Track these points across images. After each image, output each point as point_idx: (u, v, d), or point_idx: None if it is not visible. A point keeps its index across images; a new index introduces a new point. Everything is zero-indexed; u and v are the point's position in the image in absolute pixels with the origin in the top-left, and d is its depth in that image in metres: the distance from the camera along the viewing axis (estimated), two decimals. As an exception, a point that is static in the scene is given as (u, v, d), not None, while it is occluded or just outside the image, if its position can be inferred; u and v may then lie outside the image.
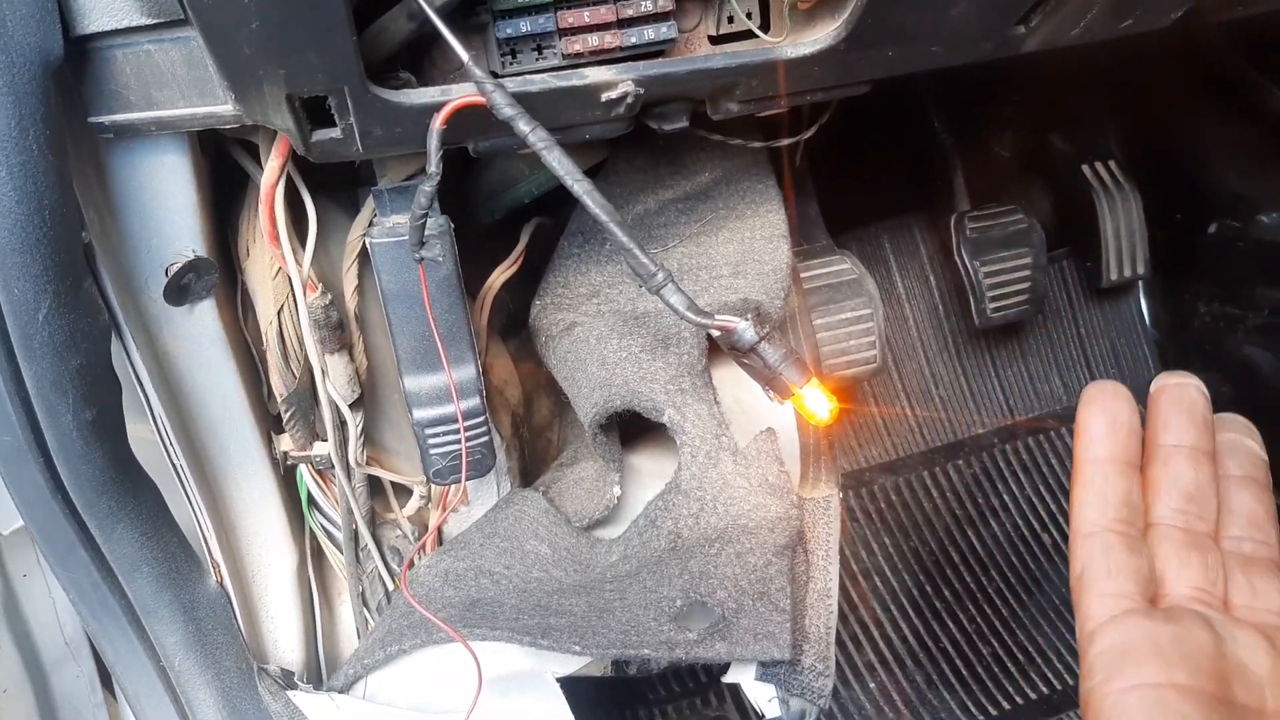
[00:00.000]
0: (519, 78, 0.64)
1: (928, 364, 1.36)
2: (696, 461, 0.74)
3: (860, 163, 1.30)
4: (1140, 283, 1.38)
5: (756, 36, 0.72)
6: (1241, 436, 0.61)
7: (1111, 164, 1.32)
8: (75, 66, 0.53)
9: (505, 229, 0.98)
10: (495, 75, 0.70)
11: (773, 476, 0.73)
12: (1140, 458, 0.60)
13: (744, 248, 0.94)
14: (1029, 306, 1.22)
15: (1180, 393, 0.61)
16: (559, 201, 0.99)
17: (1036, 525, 1.28)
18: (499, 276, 0.89)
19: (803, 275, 1.06)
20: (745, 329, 0.63)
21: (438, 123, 0.61)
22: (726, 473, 0.73)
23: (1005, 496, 1.30)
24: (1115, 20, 0.75)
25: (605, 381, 0.79)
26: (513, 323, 1.06)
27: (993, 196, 1.40)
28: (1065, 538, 1.26)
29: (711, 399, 0.77)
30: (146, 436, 0.67)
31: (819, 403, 0.64)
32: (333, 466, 0.75)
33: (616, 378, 0.79)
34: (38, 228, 0.50)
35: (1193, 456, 0.59)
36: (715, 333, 0.65)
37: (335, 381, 0.72)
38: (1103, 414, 0.59)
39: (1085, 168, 1.32)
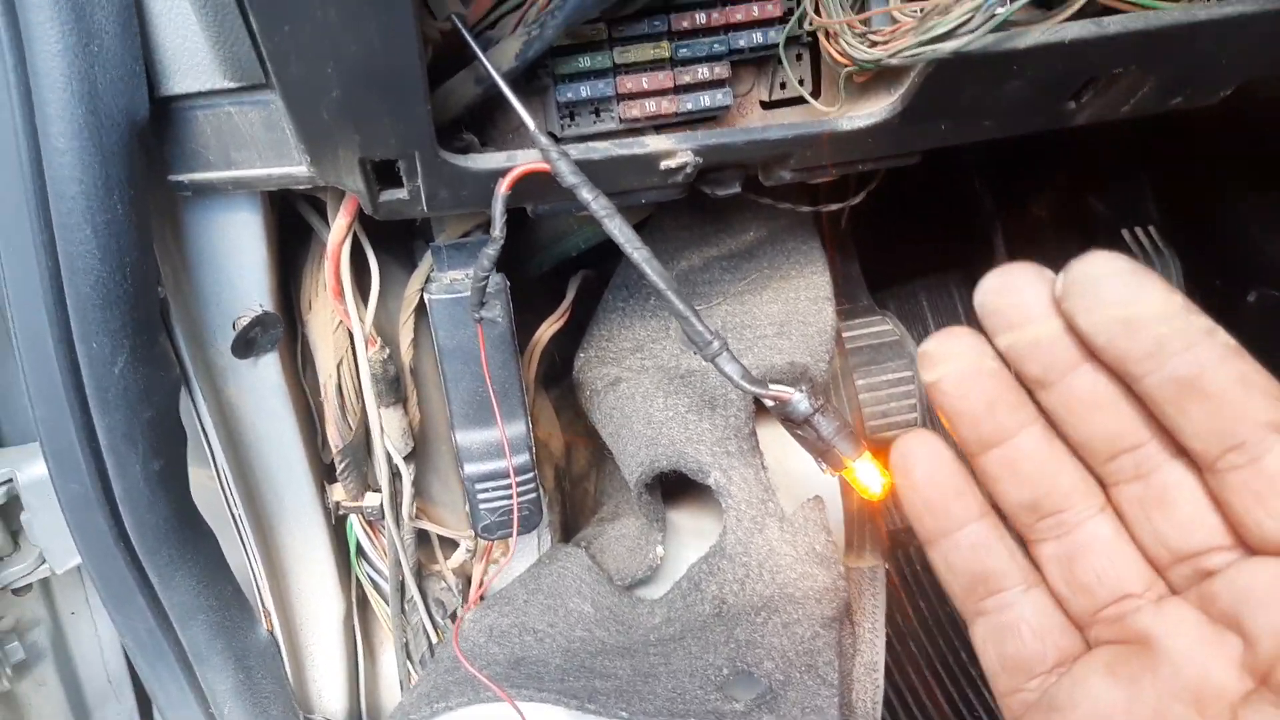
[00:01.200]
0: (581, 144, 0.65)
1: (965, 423, 1.36)
2: (742, 526, 0.74)
3: (898, 219, 1.31)
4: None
5: (807, 103, 0.73)
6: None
7: (1151, 228, 1.32)
8: (158, 126, 0.55)
9: (551, 280, 0.99)
10: (554, 137, 0.72)
11: (820, 546, 0.73)
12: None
13: (788, 308, 0.94)
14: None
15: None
16: (603, 253, 1.00)
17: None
18: (547, 330, 0.90)
19: (845, 335, 1.07)
20: (800, 400, 0.63)
21: (503, 188, 0.62)
22: (773, 539, 0.73)
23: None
24: (1165, 98, 0.76)
25: (651, 440, 0.80)
26: (554, 372, 1.07)
27: (1030, 257, 1.39)
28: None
29: (758, 463, 0.78)
30: (204, 482, 0.69)
31: (872, 477, 0.64)
32: (383, 517, 0.76)
33: (663, 437, 0.80)
34: (118, 284, 0.52)
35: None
36: (769, 403, 0.66)
37: (390, 435, 0.73)
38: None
39: (1124, 231, 1.33)
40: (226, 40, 0.51)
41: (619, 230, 0.63)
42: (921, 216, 1.38)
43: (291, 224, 0.72)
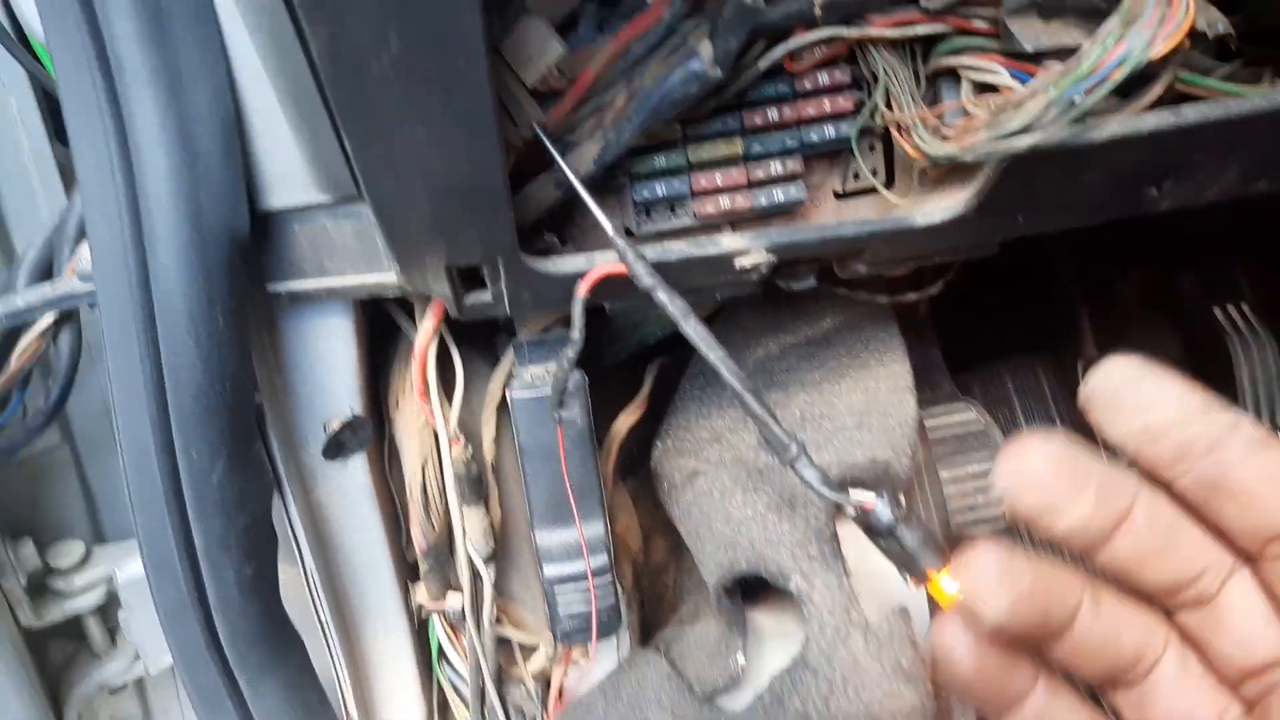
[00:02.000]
0: (657, 245, 0.66)
1: (1057, 514, 1.31)
2: (825, 636, 0.72)
3: (980, 299, 1.29)
4: (1284, 432, 1.31)
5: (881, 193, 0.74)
6: None
7: (1244, 306, 1.28)
8: (258, 238, 0.58)
9: (629, 367, 1.00)
10: (630, 233, 0.73)
11: (907, 662, 0.70)
12: None
13: (868, 398, 0.93)
14: (1165, 457, 1.17)
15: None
16: (680, 341, 1.01)
17: None
18: (624, 422, 0.90)
19: (927, 424, 1.05)
20: (882, 510, 0.62)
21: (582, 290, 0.64)
22: (857, 652, 0.71)
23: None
24: (1250, 182, 0.75)
25: (730, 542, 0.79)
26: (632, 461, 1.07)
27: (1117, 335, 1.36)
28: None
29: (841, 569, 0.76)
30: (292, 583, 0.70)
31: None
32: (464, 619, 0.76)
33: (742, 538, 0.78)
34: (218, 395, 0.54)
35: None
36: (851, 510, 0.64)
37: (472, 535, 0.74)
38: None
39: (1215, 309, 1.29)
40: (322, 158, 0.54)
41: (694, 331, 0.64)
42: (1004, 295, 1.36)
43: (380, 323, 0.74)
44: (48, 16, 0.48)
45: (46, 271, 0.61)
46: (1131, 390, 0.41)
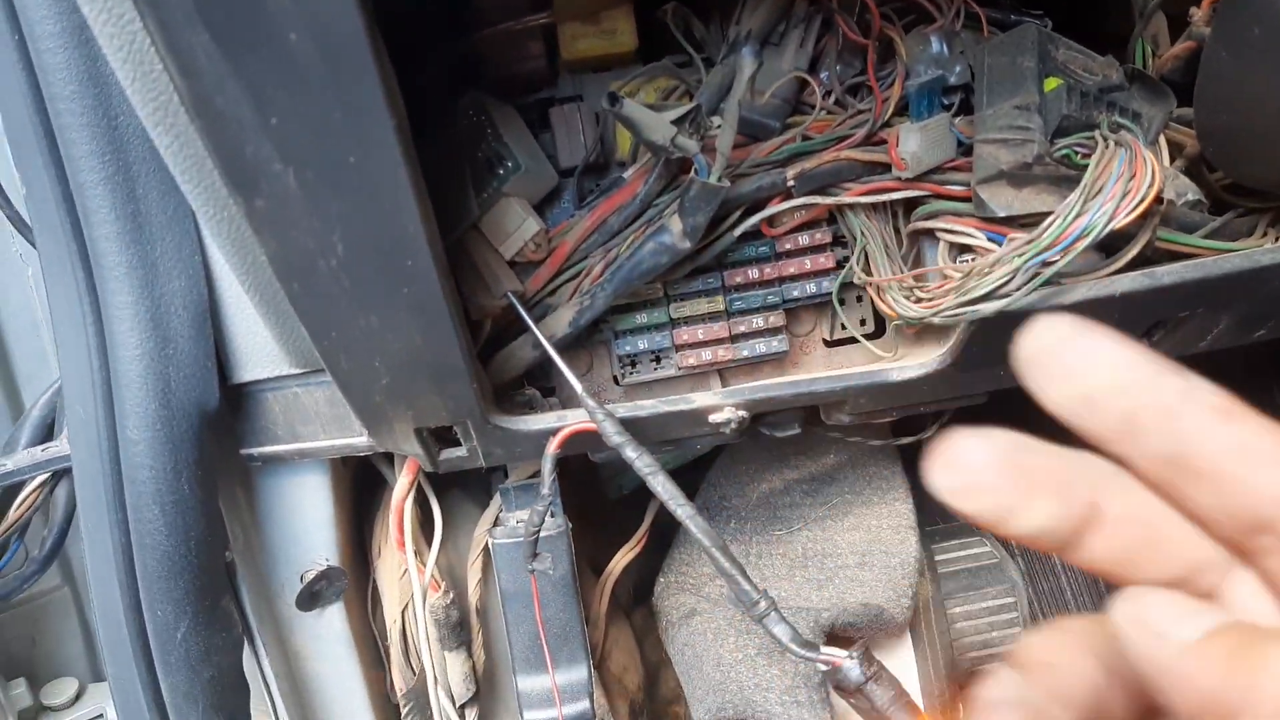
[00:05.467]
0: (630, 404, 0.68)
1: (1087, 644, 1.27)
2: None
3: (994, 420, 1.27)
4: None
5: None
6: None
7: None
8: (231, 406, 0.60)
9: (631, 501, 1.00)
10: (616, 381, 0.75)
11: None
12: None
13: (870, 536, 0.92)
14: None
15: None
16: (683, 473, 1.01)
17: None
18: (621, 560, 0.91)
19: (938, 559, 1.03)
20: (851, 667, 0.61)
21: (552, 448, 0.65)
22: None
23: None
24: (1245, 332, 0.74)
25: (720, 685, 0.78)
26: (640, 593, 1.06)
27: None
28: None
29: (828, 716, 0.75)
30: (272, 726, 0.71)
31: (930, 751, 0.60)
32: (445, 762, 0.76)
33: (731, 683, 0.78)
34: (183, 557, 0.56)
35: None
36: (821, 667, 0.64)
37: (452, 679, 0.74)
38: None
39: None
40: (290, 336, 0.57)
41: (661, 488, 0.65)
42: (1017, 417, 1.34)
43: (367, 471, 0.77)
44: (36, 219, 0.52)
45: (49, 430, 0.64)
46: (1066, 351, 0.34)
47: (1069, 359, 0.34)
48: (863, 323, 0.75)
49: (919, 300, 0.66)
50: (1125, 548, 0.35)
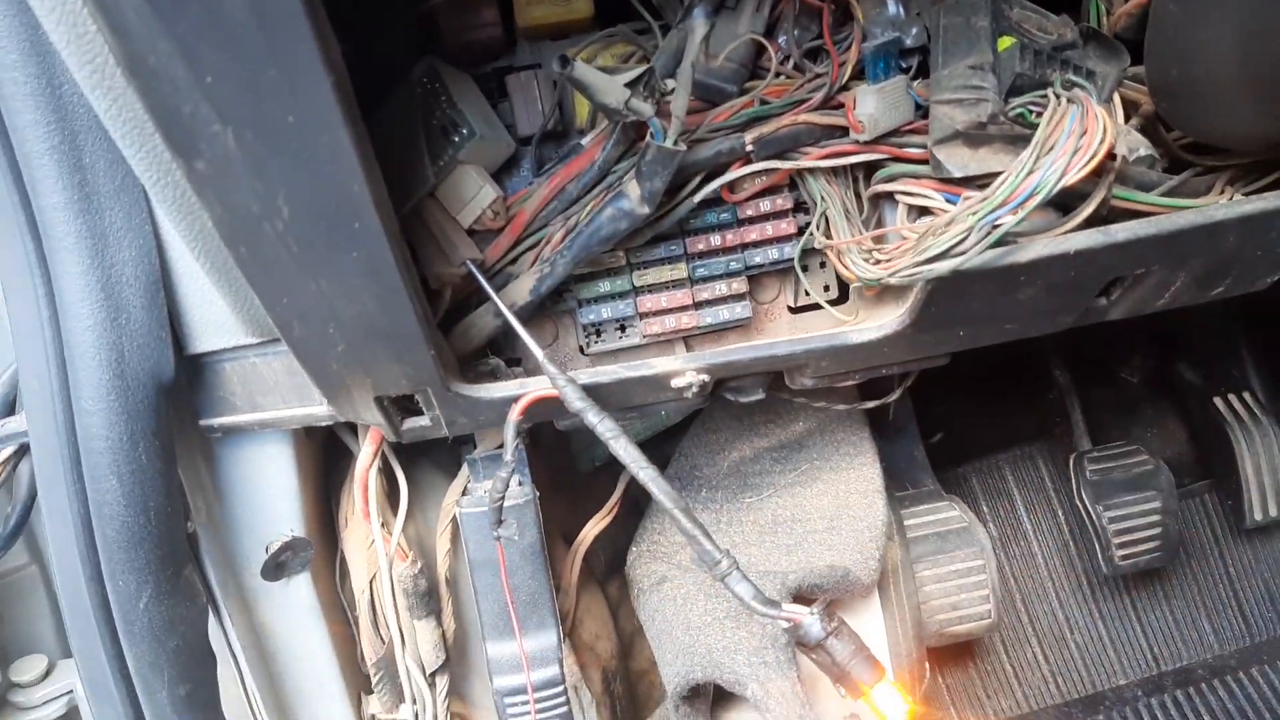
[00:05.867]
0: (591, 370, 0.68)
1: (1060, 606, 1.29)
2: None
3: (975, 390, 1.28)
4: (1293, 520, 1.28)
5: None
6: None
7: (1247, 395, 1.26)
8: (189, 376, 0.60)
9: (605, 474, 1.01)
10: (582, 351, 0.75)
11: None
12: None
13: (839, 501, 0.93)
14: (1161, 554, 1.14)
15: None
16: (657, 445, 1.02)
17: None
18: (591, 530, 0.91)
19: (907, 523, 1.04)
20: (812, 623, 0.62)
21: (514, 415, 0.65)
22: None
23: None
24: (1203, 290, 0.74)
25: (689, 649, 0.79)
26: (617, 564, 1.07)
27: (1122, 425, 1.34)
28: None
29: (794, 675, 0.76)
30: (243, 698, 0.71)
31: (892, 704, 0.61)
32: (417, 730, 0.77)
33: (700, 645, 0.79)
34: (142, 527, 0.56)
35: None
36: (783, 624, 0.64)
37: (421, 647, 0.75)
38: None
39: (1218, 400, 1.26)
40: (244, 305, 0.56)
41: (624, 451, 0.65)
42: (998, 387, 1.35)
43: (334, 443, 0.77)
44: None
45: (10, 408, 0.64)
46: None
47: None
48: (826, 289, 0.76)
49: (877, 262, 0.67)
50: None
